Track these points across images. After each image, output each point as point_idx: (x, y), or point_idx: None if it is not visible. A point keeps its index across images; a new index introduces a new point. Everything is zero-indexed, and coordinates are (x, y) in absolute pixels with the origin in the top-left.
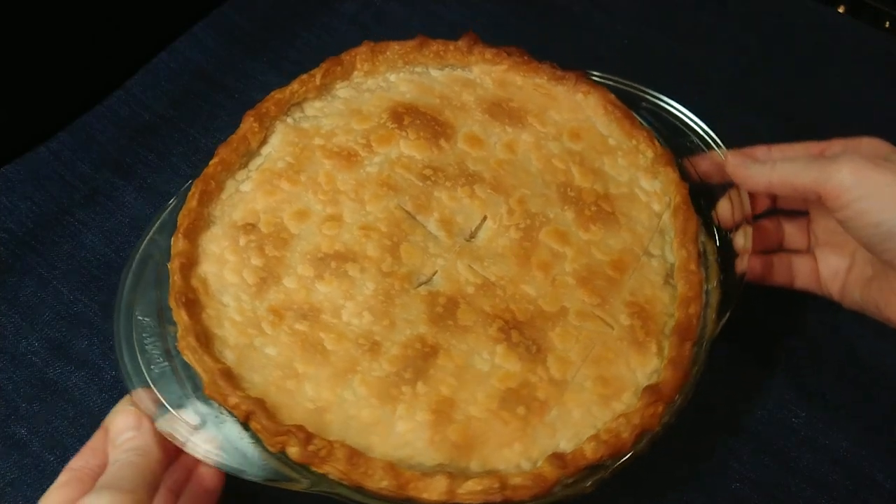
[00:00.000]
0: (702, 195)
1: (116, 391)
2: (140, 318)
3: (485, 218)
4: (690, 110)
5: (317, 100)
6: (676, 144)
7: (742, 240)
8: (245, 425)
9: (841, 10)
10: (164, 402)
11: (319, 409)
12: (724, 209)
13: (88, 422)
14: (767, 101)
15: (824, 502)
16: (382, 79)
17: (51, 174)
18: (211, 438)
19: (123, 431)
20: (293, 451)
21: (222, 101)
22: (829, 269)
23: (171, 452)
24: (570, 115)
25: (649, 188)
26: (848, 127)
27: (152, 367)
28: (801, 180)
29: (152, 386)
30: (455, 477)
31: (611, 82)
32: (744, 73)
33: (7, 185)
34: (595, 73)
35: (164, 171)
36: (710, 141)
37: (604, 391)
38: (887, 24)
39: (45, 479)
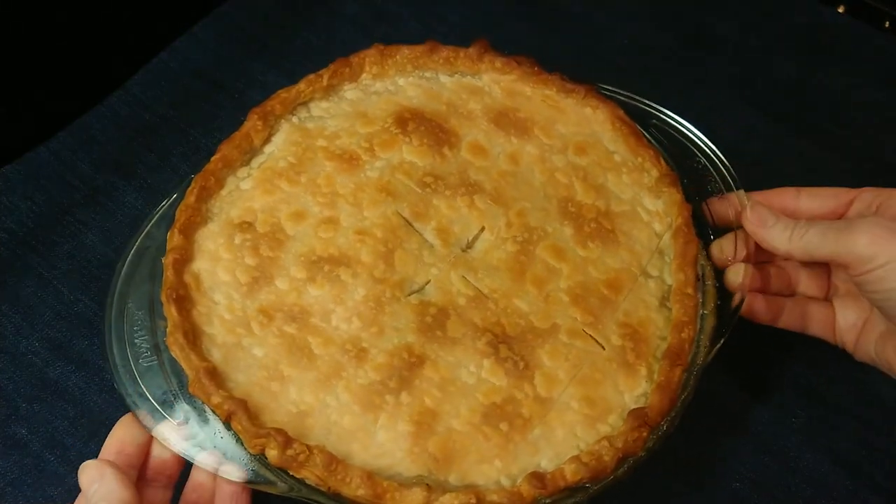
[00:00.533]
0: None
1: (117, 391)
2: (132, 310)
3: (482, 229)
4: (690, 110)
5: (323, 100)
6: (684, 165)
7: (733, 276)
8: (227, 425)
9: (841, 10)
10: (149, 397)
11: (302, 413)
12: (726, 247)
13: (88, 422)
14: (767, 101)
15: (824, 502)
16: (391, 82)
17: (51, 174)
18: (192, 435)
19: (90, 485)
20: (272, 454)
21: (222, 101)
22: (846, 321)
23: (133, 464)
24: (576, 129)
25: (652, 207)
26: (848, 127)
27: (140, 360)
28: (821, 251)
29: (138, 379)
30: (433, 490)
31: (621, 97)
32: (744, 73)
33: (7, 185)
34: (605, 86)
35: (164, 171)
36: (717, 163)
37: (590, 412)
38: (887, 24)
39: (45, 479)
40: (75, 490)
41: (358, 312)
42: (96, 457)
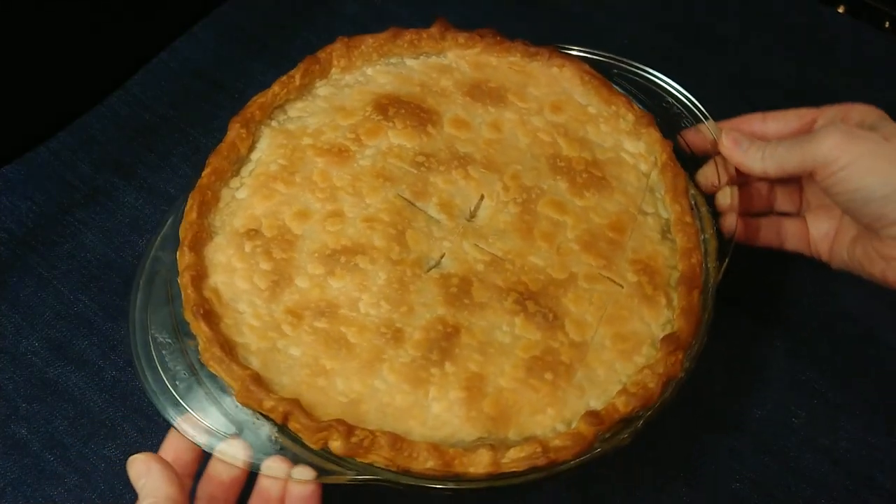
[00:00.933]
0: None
1: (117, 391)
2: (156, 336)
3: (482, 197)
4: None
5: (298, 100)
6: (652, 106)
7: (723, 199)
8: (281, 427)
9: (841, 10)
10: (196, 416)
11: (353, 402)
12: (710, 174)
13: (88, 422)
14: (767, 101)
15: (824, 502)
16: (360, 73)
17: (51, 174)
18: (248, 445)
19: (137, 480)
20: (336, 444)
21: (222, 101)
22: (819, 231)
23: (189, 473)
24: (548, 90)
25: (634, 150)
26: None
27: (177, 382)
28: (791, 164)
29: (181, 402)
30: (497, 448)
31: (582, 53)
32: (744, 73)
33: (7, 185)
34: (566, 46)
35: (164, 171)
36: (683, 99)
37: (623, 347)
38: (887, 24)
39: (45, 479)
40: (75, 490)
41: (384, 296)
42: (96, 457)
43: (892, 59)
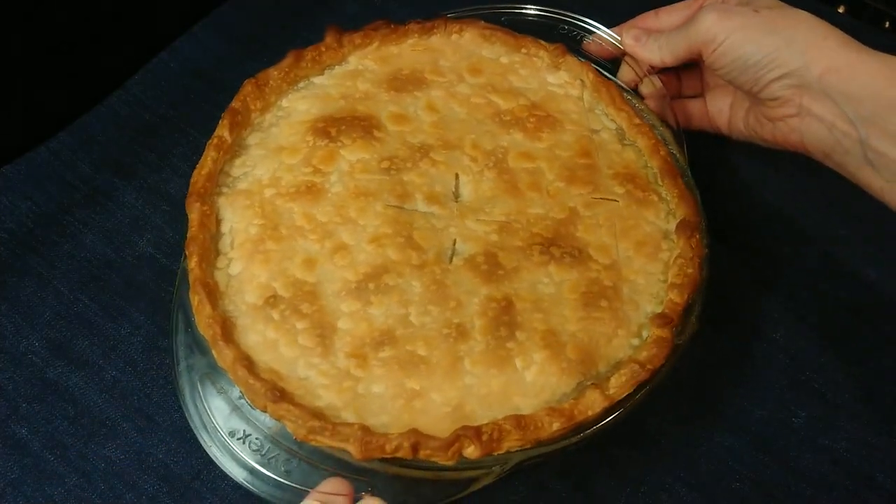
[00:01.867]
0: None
1: (117, 391)
2: (235, 439)
3: (457, 176)
4: None
5: (235, 158)
6: (554, 37)
7: (646, 88)
8: (408, 462)
9: (841, 10)
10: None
11: (457, 407)
12: (627, 73)
13: (88, 422)
14: None
15: (824, 502)
16: (277, 108)
17: (51, 174)
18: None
19: None
20: (470, 450)
21: (222, 101)
22: (716, 107)
23: None
24: (457, 57)
25: (558, 81)
26: None
27: (282, 469)
28: (681, 49)
29: (289, 482)
30: (599, 384)
31: (470, 13)
32: None
33: (7, 185)
34: (451, 13)
35: (164, 171)
36: (575, 21)
37: (646, 251)
38: (887, 24)
39: (45, 479)
40: (75, 490)
41: (428, 300)
42: (96, 457)
43: None
